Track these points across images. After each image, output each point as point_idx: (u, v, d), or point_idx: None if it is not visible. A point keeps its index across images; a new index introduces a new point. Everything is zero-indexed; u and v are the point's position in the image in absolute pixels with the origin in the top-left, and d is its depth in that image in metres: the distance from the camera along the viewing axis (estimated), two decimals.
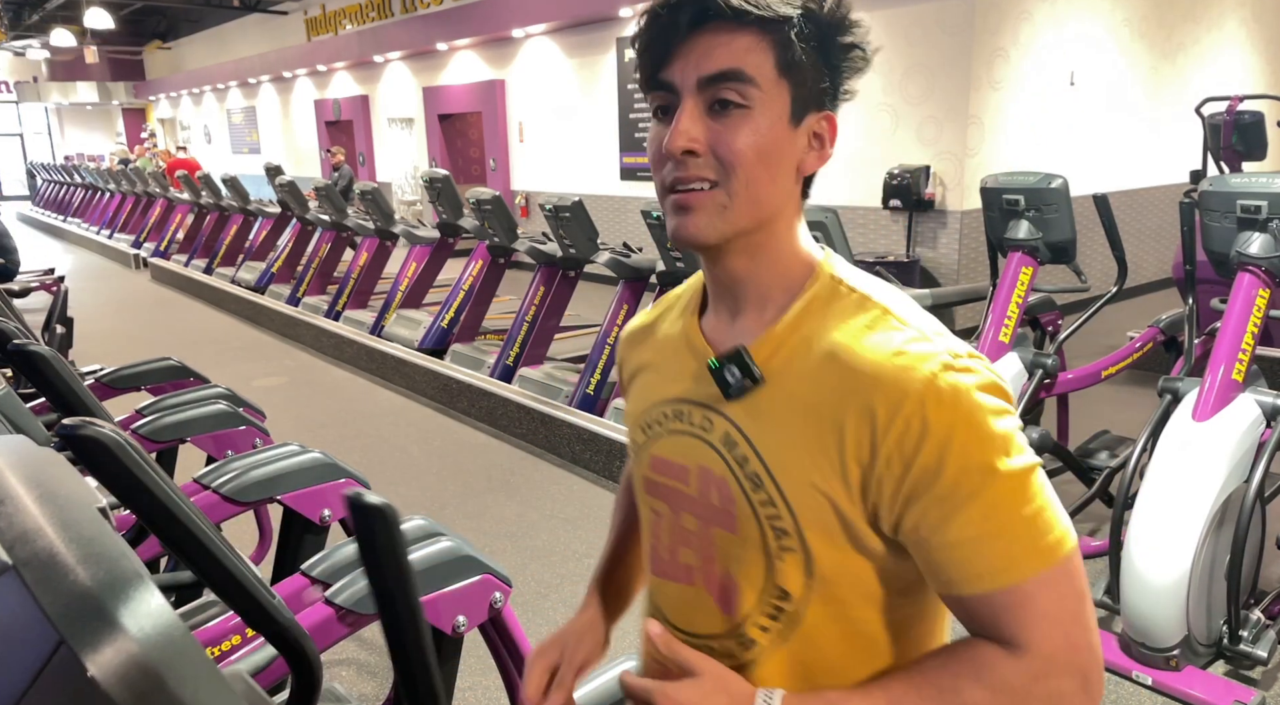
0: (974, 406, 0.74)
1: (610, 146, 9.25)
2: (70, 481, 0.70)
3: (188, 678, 0.52)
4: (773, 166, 0.80)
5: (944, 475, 0.74)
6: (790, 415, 0.80)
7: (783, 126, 0.79)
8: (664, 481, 0.91)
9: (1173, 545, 2.43)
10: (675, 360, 0.92)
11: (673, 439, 0.90)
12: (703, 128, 0.78)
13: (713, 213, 0.80)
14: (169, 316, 8.55)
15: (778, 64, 0.77)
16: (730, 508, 0.84)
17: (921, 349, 0.77)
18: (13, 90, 23.95)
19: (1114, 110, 7.21)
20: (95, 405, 1.87)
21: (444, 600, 1.69)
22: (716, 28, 0.77)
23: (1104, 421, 4.15)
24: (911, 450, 0.74)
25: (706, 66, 0.77)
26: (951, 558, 0.75)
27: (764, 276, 0.84)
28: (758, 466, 0.82)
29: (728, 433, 0.84)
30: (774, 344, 0.83)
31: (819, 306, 0.83)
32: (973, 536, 0.74)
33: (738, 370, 0.83)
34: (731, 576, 0.85)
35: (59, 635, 0.50)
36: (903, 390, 0.75)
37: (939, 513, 0.74)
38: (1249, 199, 2.67)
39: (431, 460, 4.53)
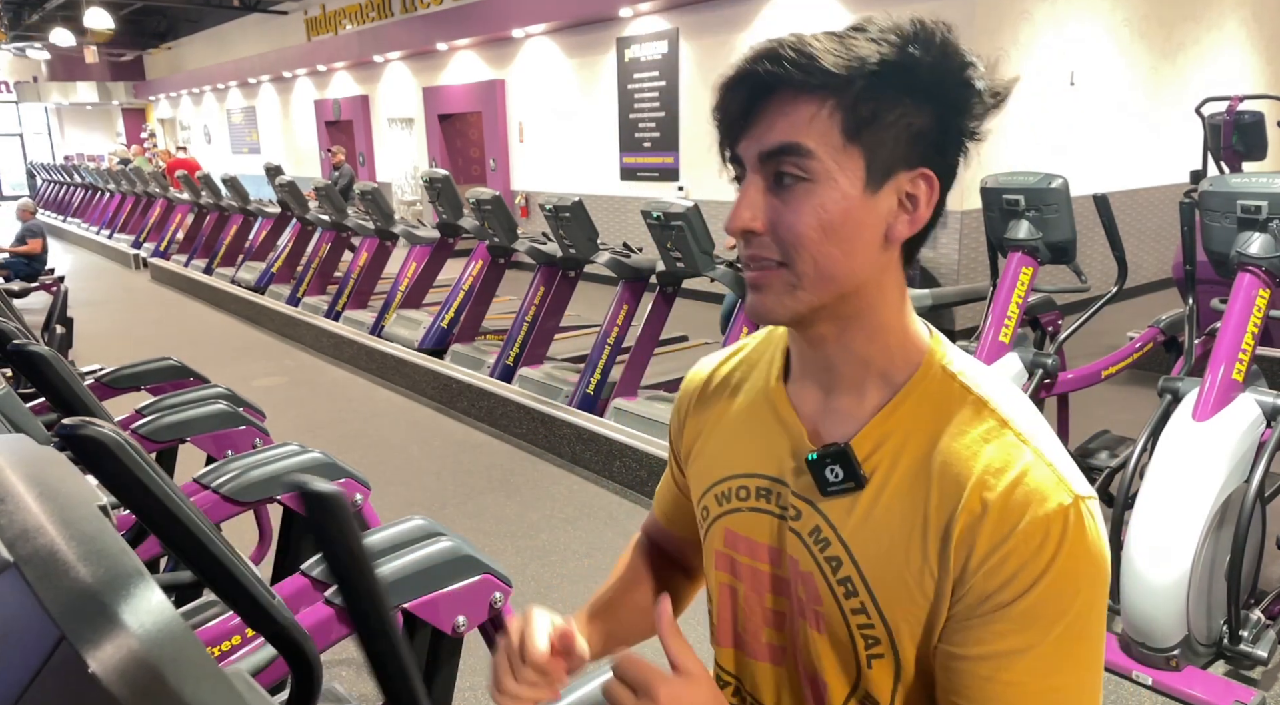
0: (1083, 554, 0.70)
1: (610, 146, 9.25)
2: (70, 480, 0.70)
3: (188, 674, 0.52)
4: (845, 240, 0.73)
5: (1019, 606, 0.70)
6: (890, 521, 0.75)
7: (855, 196, 0.72)
8: (742, 560, 0.86)
9: (1173, 545, 2.43)
10: (759, 429, 0.86)
11: (754, 517, 0.85)
12: (763, 206, 0.74)
13: (781, 291, 0.75)
14: (169, 316, 8.55)
15: (845, 130, 0.71)
16: (817, 607, 0.80)
17: (1043, 480, 0.71)
18: (13, 90, 23.96)
19: (1114, 110, 7.21)
20: (95, 405, 1.87)
21: (444, 600, 1.69)
22: (780, 98, 0.72)
23: (1104, 421, 4.14)
24: (1001, 581, 0.70)
25: (765, 141, 0.73)
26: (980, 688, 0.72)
27: (861, 352, 0.78)
28: (851, 571, 0.77)
29: (819, 527, 0.79)
30: (877, 440, 0.77)
31: (929, 402, 0.77)
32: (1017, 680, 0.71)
33: (840, 470, 0.77)
34: (818, 672, 0.82)
35: (60, 631, 0.50)
36: (1012, 523, 0.70)
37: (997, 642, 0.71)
38: (1249, 199, 2.67)
39: (431, 460, 4.52)
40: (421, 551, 1.71)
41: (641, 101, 8.79)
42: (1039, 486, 0.70)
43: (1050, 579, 0.69)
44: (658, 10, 8.34)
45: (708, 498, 0.90)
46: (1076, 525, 0.70)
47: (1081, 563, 0.70)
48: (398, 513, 2.09)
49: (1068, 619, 0.70)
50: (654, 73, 8.58)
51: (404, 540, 1.74)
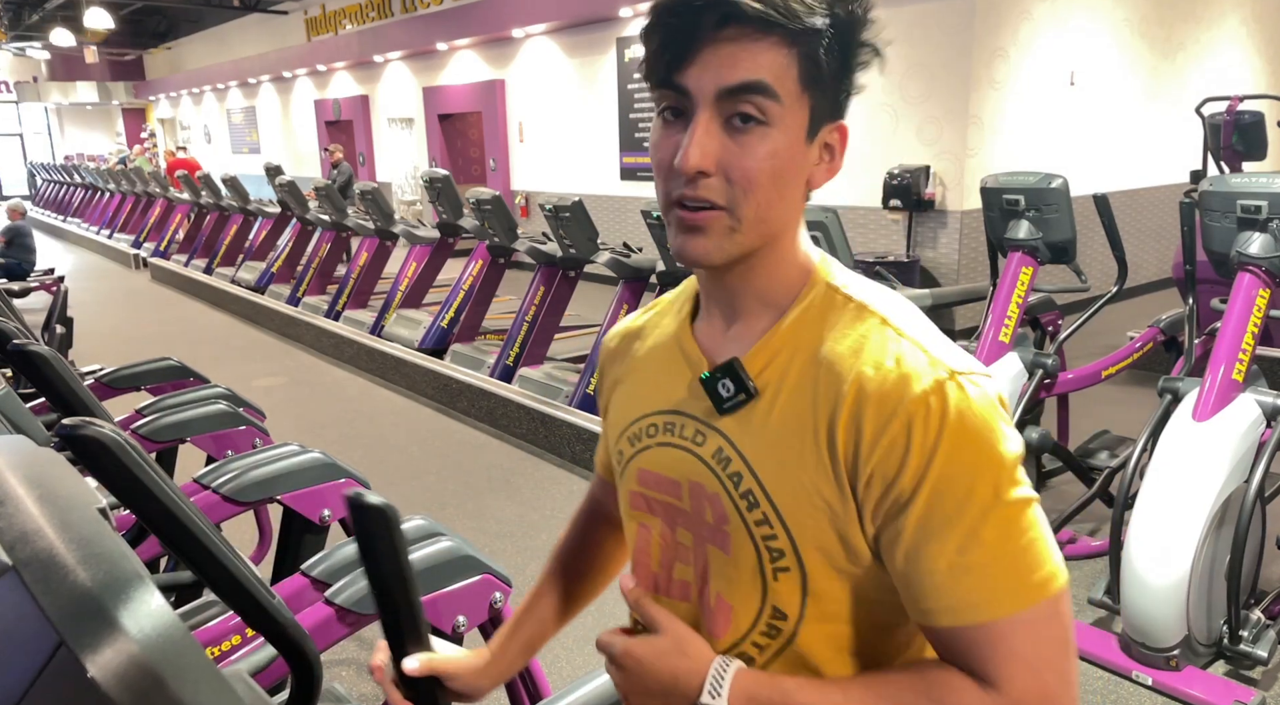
0: (965, 430, 0.70)
1: (610, 146, 9.24)
2: (70, 482, 0.70)
3: (187, 678, 0.52)
4: (785, 187, 0.75)
5: (921, 497, 0.70)
6: (784, 429, 0.76)
7: (799, 143, 0.74)
8: (655, 496, 0.87)
9: (1173, 545, 2.43)
10: (666, 369, 0.88)
11: (662, 451, 0.86)
12: (718, 145, 0.72)
13: (720, 235, 0.75)
14: (169, 316, 8.55)
15: (801, 78, 0.72)
16: (724, 526, 0.80)
17: (917, 362, 0.72)
18: (13, 90, 23.96)
19: (1114, 110, 7.21)
20: (95, 405, 1.87)
21: (444, 600, 1.69)
22: (739, 34, 0.70)
23: (1104, 421, 4.14)
24: (894, 470, 0.71)
25: (728, 77, 0.71)
26: (927, 585, 0.71)
27: (761, 284, 0.80)
28: (752, 484, 0.78)
29: (720, 448, 0.80)
30: (768, 354, 0.79)
31: (815, 315, 0.79)
32: (951, 566, 0.70)
33: (731, 383, 0.79)
34: (724, 597, 0.82)
35: (59, 636, 0.50)
36: (893, 405, 0.71)
37: (916, 536, 0.71)
38: (1249, 199, 2.67)
39: (431, 460, 4.52)
40: (421, 551, 1.71)
41: (641, 101, 8.79)
42: (915, 366, 0.72)
43: (944, 454, 0.70)
44: None
45: (621, 441, 0.91)
46: (958, 396, 0.70)
47: (972, 432, 0.70)
48: None
49: (978, 490, 0.70)
50: None
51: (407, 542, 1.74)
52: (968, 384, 0.72)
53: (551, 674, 1.87)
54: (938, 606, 0.72)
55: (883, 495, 0.72)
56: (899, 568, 0.73)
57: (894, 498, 0.71)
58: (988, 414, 0.71)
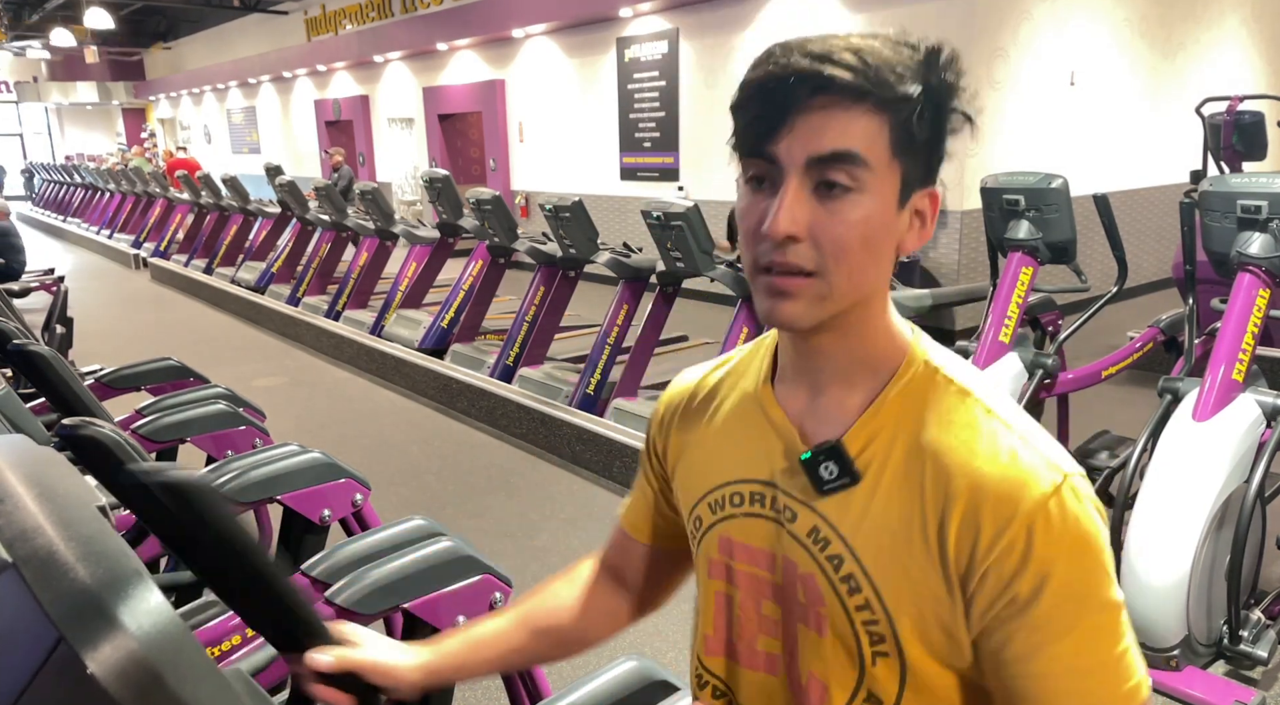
0: (1082, 535, 0.71)
1: (610, 146, 9.24)
2: (70, 480, 0.70)
3: (187, 675, 0.52)
4: (875, 252, 0.74)
5: (1042, 603, 0.71)
6: (888, 517, 0.75)
7: (890, 210, 0.74)
8: (740, 567, 0.86)
9: (1173, 545, 2.43)
10: (749, 434, 0.86)
11: (750, 523, 0.84)
12: (807, 211, 0.72)
13: (810, 302, 0.74)
14: (169, 316, 8.55)
15: (893, 146, 0.72)
16: (819, 608, 0.79)
17: (1032, 463, 0.73)
18: (13, 90, 23.96)
19: (1114, 110, 7.21)
20: (95, 405, 1.87)
21: (444, 600, 1.69)
22: (832, 102, 0.70)
23: (1104, 421, 4.14)
24: (1011, 572, 0.71)
25: (817, 145, 0.70)
26: (1033, 688, 0.72)
27: (851, 354, 0.79)
28: (854, 568, 0.77)
29: (817, 528, 0.79)
30: (868, 435, 0.78)
31: (915, 396, 0.78)
32: (1062, 670, 0.72)
33: (835, 467, 0.77)
34: (817, 677, 0.81)
35: (58, 633, 0.50)
36: (1012, 508, 0.71)
37: (1030, 640, 0.71)
38: (1249, 199, 2.67)
39: (431, 460, 4.52)
40: (421, 551, 1.71)
41: (641, 101, 8.79)
42: (1030, 467, 0.72)
43: (1064, 563, 0.71)
44: (658, 10, 8.34)
45: (700, 507, 0.89)
46: (1073, 501, 0.72)
47: (1088, 540, 0.72)
48: (398, 513, 2.09)
49: (1092, 599, 0.72)
50: (654, 73, 8.58)
51: (404, 540, 1.74)
52: (1079, 487, 0.73)
53: (551, 674, 1.88)
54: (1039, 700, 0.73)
55: (997, 595, 0.72)
56: (1006, 666, 0.73)
57: (1009, 598, 0.71)
58: (1096, 520, 0.73)
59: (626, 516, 1.07)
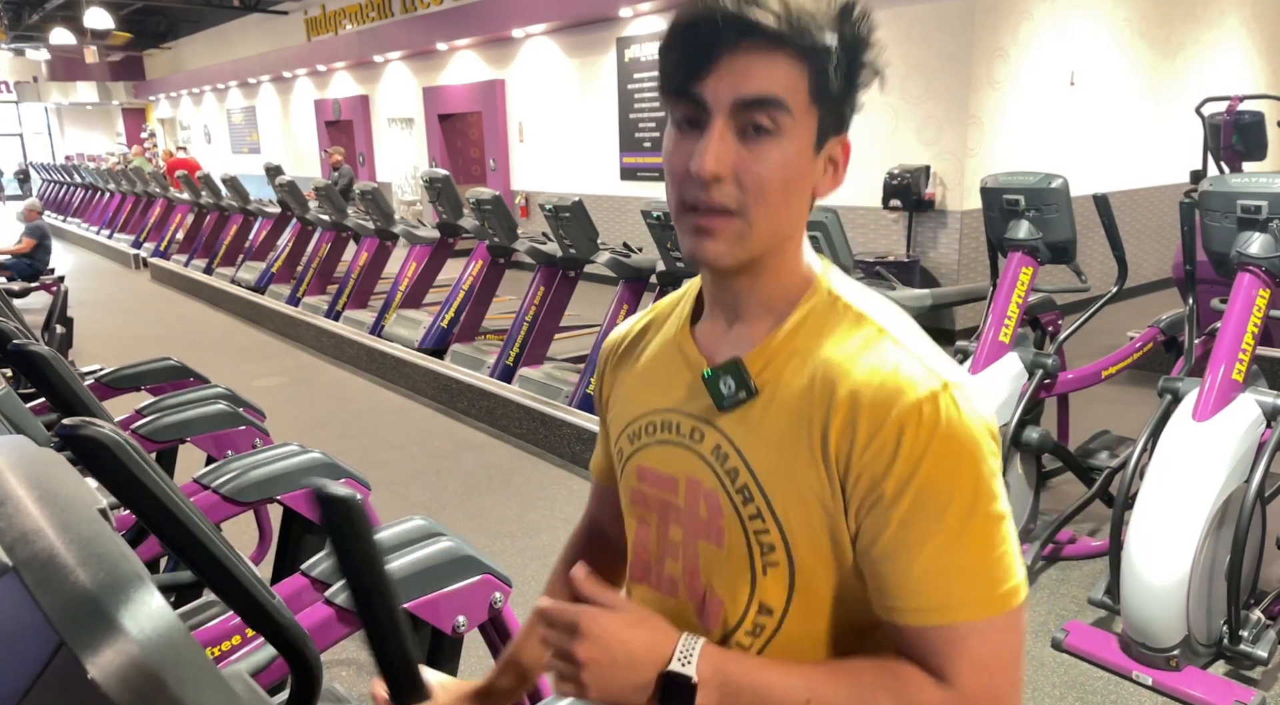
0: (954, 439, 0.73)
1: (610, 146, 9.24)
2: (70, 482, 0.70)
3: (188, 679, 0.52)
4: (793, 194, 0.78)
5: (905, 500, 0.73)
6: (781, 428, 0.79)
7: (808, 154, 0.78)
8: (652, 492, 0.90)
9: (1173, 545, 2.43)
10: (666, 369, 0.91)
11: (661, 449, 0.89)
12: (731, 152, 0.75)
13: (731, 239, 0.78)
14: (169, 316, 8.55)
15: (811, 92, 0.75)
16: (718, 521, 0.83)
17: (913, 371, 0.76)
18: (13, 90, 23.96)
19: (1114, 110, 7.21)
20: (95, 405, 1.87)
21: (444, 600, 1.69)
22: (754, 47, 0.73)
23: (1104, 421, 4.14)
24: (881, 472, 0.74)
25: (744, 89, 0.74)
26: (898, 584, 0.75)
27: (765, 289, 0.84)
28: (748, 479, 0.81)
29: (719, 445, 0.83)
30: (768, 356, 0.82)
31: (815, 321, 0.82)
32: (925, 569, 0.73)
33: (733, 382, 0.82)
34: (714, 591, 0.85)
35: (59, 637, 0.50)
36: (886, 410, 0.74)
37: (895, 536, 0.74)
38: (1249, 199, 2.67)
39: (431, 460, 4.52)
40: (421, 551, 1.71)
41: (641, 101, 8.79)
42: (910, 375, 0.75)
43: (930, 461, 0.73)
44: (658, 10, 8.34)
45: (622, 439, 0.94)
46: (949, 406, 0.74)
47: (959, 442, 0.73)
48: (398, 513, 2.09)
49: (959, 497, 0.73)
50: (654, 73, 8.54)
51: (404, 540, 1.74)
52: (960, 396, 0.75)
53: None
54: (905, 606, 0.75)
55: (868, 493, 0.75)
56: (872, 563, 0.76)
57: (877, 496, 0.74)
58: (975, 427, 0.75)
59: (594, 466, 1.11)
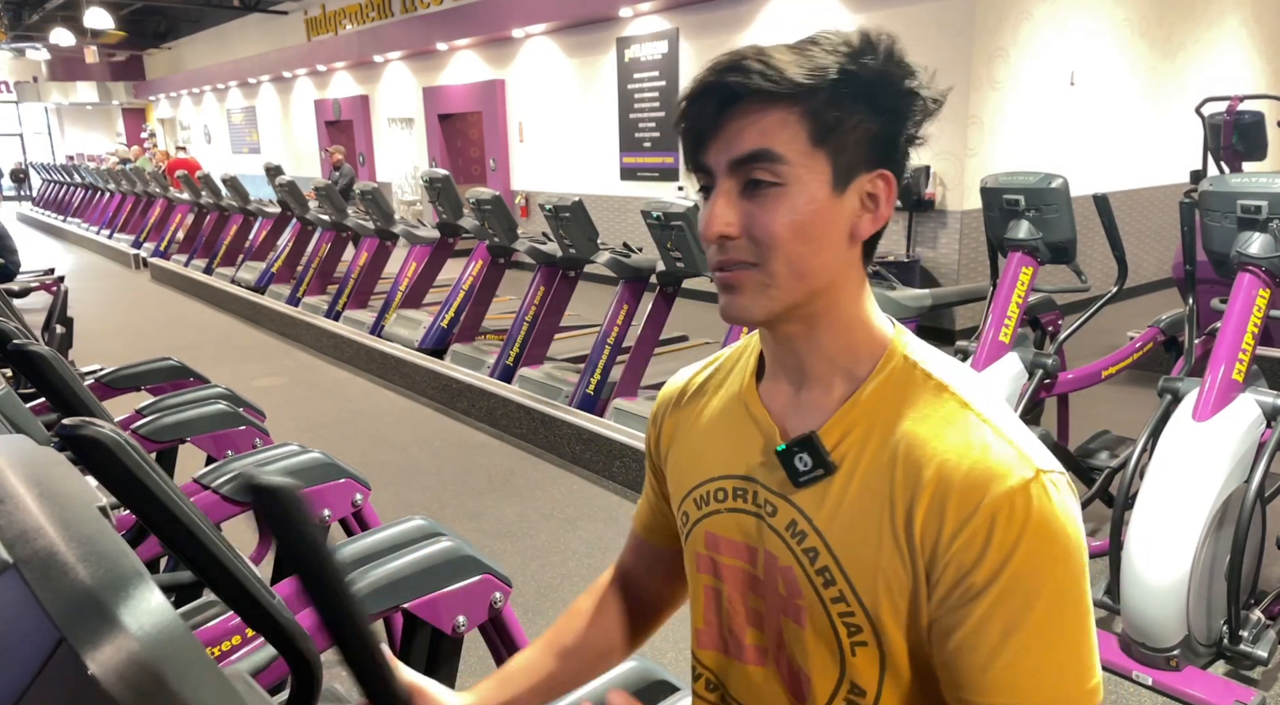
0: (1048, 530, 0.71)
1: (610, 146, 9.24)
2: (70, 481, 0.70)
3: (188, 676, 0.52)
4: (815, 240, 0.76)
5: (993, 590, 0.71)
6: (861, 507, 0.77)
7: (823, 197, 0.76)
8: (724, 561, 0.88)
9: (1173, 545, 2.43)
10: (733, 432, 0.88)
11: (734, 518, 0.86)
12: (737, 211, 0.76)
13: (755, 292, 0.77)
14: (169, 316, 8.55)
15: (811, 136, 0.75)
16: (798, 600, 0.81)
17: (1003, 456, 0.73)
18: (13, 90, 23.96)
19: (1114, 110, 7.21)
20: (95, 405, 1.87)
21: (444, 600, 1.69)
22: (745, 108, 0.75)
23: (1104, 421, 4.14)
24: (971, 562, 0.71)
25: (734, 149, 0.75)
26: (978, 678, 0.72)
27: (828, 348, 0.81)
28: (828, 560, 0.78)
29: (794, 521, 0.81)
30: (845, 428, 0.79)
31: (893, 390, 0.79)
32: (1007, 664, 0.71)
33: (809, 457, 0.79)
34: (802, 667, 0.82)
35: (59, 633, 0.50)
36: (978, 498, 0.71)
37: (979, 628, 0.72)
38: (1249, 199, 2.67)
39: (431, 460, 4.52)
40: (421, 551, 1.71)
41: (641, 101, 8.79)
42: (1000, 461, 0.72)
43: (1022, 553, 0.70)
44: (658, 10, 8.34)
45: (687, 502, 0.91)
46: (1041, 497, 0.71)
47: (1051, 535, 0.71)
48: (398, 513, 2.09)
49: (1047, 591, 0.71)
50: (654, 73, 8.58)
51: (404, 540, 1.74)
52: (1050, 485, 0.72)
53: None
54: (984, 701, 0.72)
55: (955, 583, 0.72)
56: (950, 654, 0.74)
57: (964, 588, 0.72)
58: (1067, 519, 0.72)
59: (638, 518, 1.09)
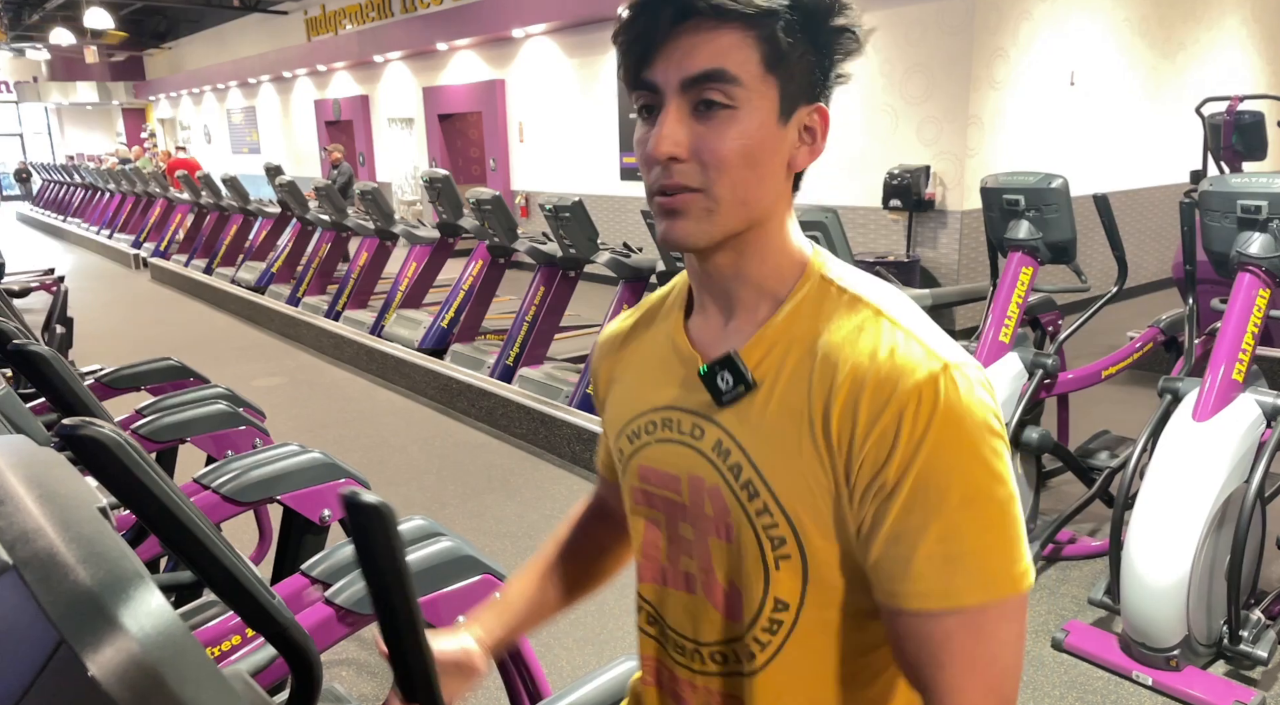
0: (956, 420, 0.71)
1: (610, 146, 9.24)
2: (70, 481, 0.70)
3: (188, 677, 0.52)
4: (760, 167, 0.76)
5: (906, 485, 0.71)
6: (781, 419, 0.78)
7: (770, 125, 0.76)
8: (656, 491, 0.89)
9: (1173, 545, 2.43)
10: (660, 365, 0.90)
11: (661, 448, 0.88)
12: (686, 131, 0.75)
13: (699, 217, 0.77)
14: (169, 316, 8.55)
15: (764, 61, 0.74)
16: (725, 517, 0.82)
17: (912, 352, 0.74)
18: (13, 90, 23.96)
19: (1114, 110, 7.21)
20: (95, 405, 1.87)
21: (444, 600, 1.69)
22: (698, 25, 0.73)
23: (1104, 421, 4.14)
24: (882, 458, 0.72)
25: (689, 67, 0.74)
26: (903, 570, 0.73)
27: (753, 274, 0.82)
28: (752, 474, 0.80)
29: (719, 440, 0.82)
30: (765, 347, 0.80)
31: (810, 307, 0.80)
32: (930, 554, 0.71)
33: (730, 376, 0.80)
34: (733, 585, 0.84)
35: (59, 635, 0.50)
36: (887, 395, 0.72)
37: (898, 522, 0.72)
38: (1249, 199, 2.67)
39: (431, 460, 4.52)
40: (421, 551, 1.71)
41: None
42: (909, 357, 0.73)
43: (930, 443, 0.71)
44: None
45: (620, 440, 0.93)
46: (949, 388, 0.72)
47: (959, 422, 0.71)
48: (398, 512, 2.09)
49: (960, 479, 0.71)
50: None
51: (404, 540, 1.74)
52: (959, 377, 0.73)
53: (551, 674, 1.87)
54: (910, 590, 0.73)
55: (870, 480, 0.74)
56: (876, 551, 0.74)
57: (880, 484, 0.73)
58: (977, 407, 0.73)
59: (600, 459, 1.12)
